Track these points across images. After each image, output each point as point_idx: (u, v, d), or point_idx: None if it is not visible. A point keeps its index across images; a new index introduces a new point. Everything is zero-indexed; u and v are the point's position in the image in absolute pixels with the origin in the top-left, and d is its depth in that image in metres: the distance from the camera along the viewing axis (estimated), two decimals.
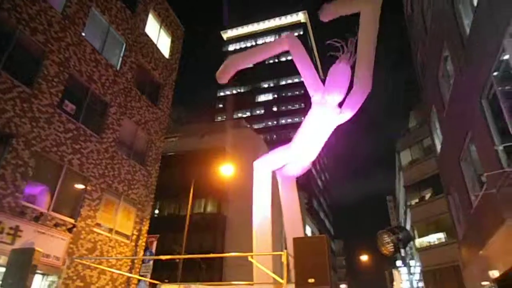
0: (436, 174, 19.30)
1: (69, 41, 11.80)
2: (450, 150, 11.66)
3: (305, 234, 37.22)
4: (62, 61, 11.42)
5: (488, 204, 7.87)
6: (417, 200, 25.88)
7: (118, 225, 13.22)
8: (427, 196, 24.77)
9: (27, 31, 10.33)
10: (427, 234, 24.41)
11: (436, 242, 23.31)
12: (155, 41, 17.08)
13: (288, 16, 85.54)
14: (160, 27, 17.86)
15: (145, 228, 14.66)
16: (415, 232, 25.11)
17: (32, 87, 10.32)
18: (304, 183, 62.94)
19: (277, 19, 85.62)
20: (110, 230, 12.79)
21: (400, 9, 18.38)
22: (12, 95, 9.67)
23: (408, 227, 27.79)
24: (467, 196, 9.95)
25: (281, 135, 70.96)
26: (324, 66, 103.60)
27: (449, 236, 21.53)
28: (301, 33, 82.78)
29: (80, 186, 11.85)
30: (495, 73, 6.82)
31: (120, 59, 14.48)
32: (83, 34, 12.51)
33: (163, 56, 17.58)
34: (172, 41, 18.70)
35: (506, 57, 6.35)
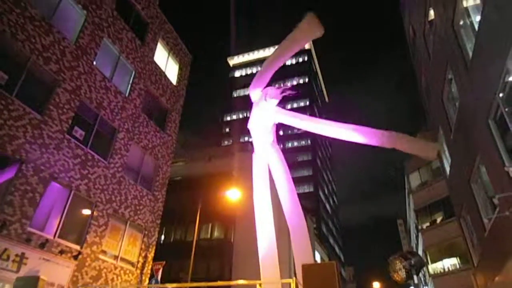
0: (446, 196, 18.89)
1: (81, 70, 12.20)
2: (459, 172, 11.48)
3: (315, 261, 36.21)
4: (73, 89, 11.76)
5: (503, 227, 7.63)
6: (428, 224, 25.20)
7: (124, 252, 13.05)
8: (439, 219, 24.14)
9: (41, 61, 10.73)
10: (440, 260, 23.57)
11: (451, 268, 22.45)
12: (163, 68, 17.57)
13: None
14: (169, 55, 18.42)
15: (151, 254, 14.43)
16: (428, 257, 24.28)
17: (43, 114, 10.58)
18: (312, 207, 62.04)
19: None
20: (116, 257, 12.61)
21: (403, 33, 18.75)
22: (23, 122, 9.91)
23: (420, 252, 26.91)
24: (479, 219, 9.69)
25: (287, 159, 70.70)
26: (328, 90, 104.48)
27: (463, 261, 20.75)
28: (306, 59, 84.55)
29: (86, 212, 11.83)
30: (500, 95, 6.83)
31: (129, 86, 14.87)
32: (95, 63, 12.94)
33: (171, 82, 18.01)
34: (180, 68, 19.20)
35: (511, 78, 6.38)
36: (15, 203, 9.33)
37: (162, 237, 25.99)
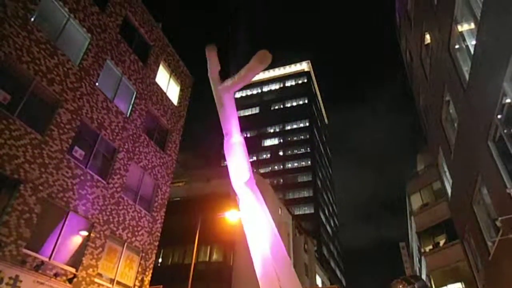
0: (449, 218, 18.63)
1: (83, 90, 12.36)
2: (461, 194, 11.39)
3: (316, 285, 35.23)
4: (75, 109, 11.86)
5: (506, 250, 7.49)
6: (431, 247, 24.71)
7: (120, 275, 12.73)
8: (442, 242, 23.69)
9: (44, 82, 10.88)
10: (445, 284, 22.91)
11: None
12: (164, 89, 17.80)
13: (293, 66, 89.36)
14: (170, 76, 18.72)
15: (148, 278, 14.08)
16: (432, 281, 23.64)
17: (43, 133, 10.62)
18: (313, 229, 61.11)
19: (281, 68, 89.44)
20: (111, 281, 12.29)
21: (401, 54, 19.12)
22: (24, 141, 9.93)
23: (424, 276, 26.27)
24: (483, 242, 9.52)
25: (287, 179, 70.46)
26: (328, 111, 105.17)
27: (468, 286, 20.19)
28: (305, 80, 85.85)
29: (83, 233, 11.64)
30: (498, 116, 6.88)
31: (131, 106, 15.01)
32: (97, 84, 13.13)
33: (172, 103, 18.20)
34: (181, 89, 19.46)
35: (508, 100, 6.45)
36: (11, 224, 9.20)
37: (160, 259, 25.46)
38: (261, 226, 7.19)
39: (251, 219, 7.21)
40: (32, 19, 10.77)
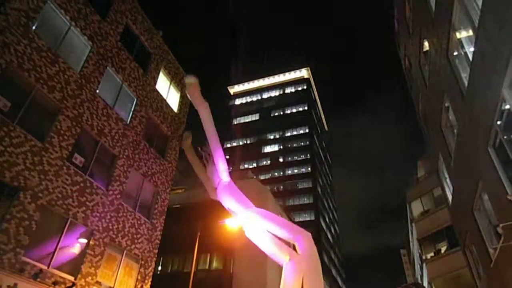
0: (450, 225, 18.56)
1: (84, 97, 12.40)
2: (462, 200, 11.35)
3: None
4: (75, 116, 11.89)
5: (508, 257, 7.44)
6: (432, 254, 24.54)
7: (119, 283, 12.62)
8: (443, 249, 23.53)
9: (45, 89, 10.93)
10: None
11: None
12: (164, 96, 17.87)
13: (292, 72, 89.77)
14: (170, 83, 18.80)
15: (147, 286, 13.95)
16: None
17: (43, 141, 10.63)
18: (313, 236, 60.56)
19: (281, 75, 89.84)
20: None
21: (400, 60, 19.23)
22: (24, 149, 9.93)
23: (425, 283, 26.03)
24: (485, 249, 9.46)
25: (287, 186, 70.24)
26: (327, 118, 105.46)
27: None
28: (305, 87, 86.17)
29: (83, 241, 11.57)
30: (498, 122, 6.89)
31: (131, 113, 15.05)
32: (97, 91, 13.18)
33: (172, 110, 18.24)
34: (181, 96, 19.53)
35: (507, 106, 6.46)
36: (10, 231, 9.15)
37: (159, 267, 25.24)
38: (264, 219, 7.10)
39: (255, 221, 7.14)
40: (34, 27, 10.86)
